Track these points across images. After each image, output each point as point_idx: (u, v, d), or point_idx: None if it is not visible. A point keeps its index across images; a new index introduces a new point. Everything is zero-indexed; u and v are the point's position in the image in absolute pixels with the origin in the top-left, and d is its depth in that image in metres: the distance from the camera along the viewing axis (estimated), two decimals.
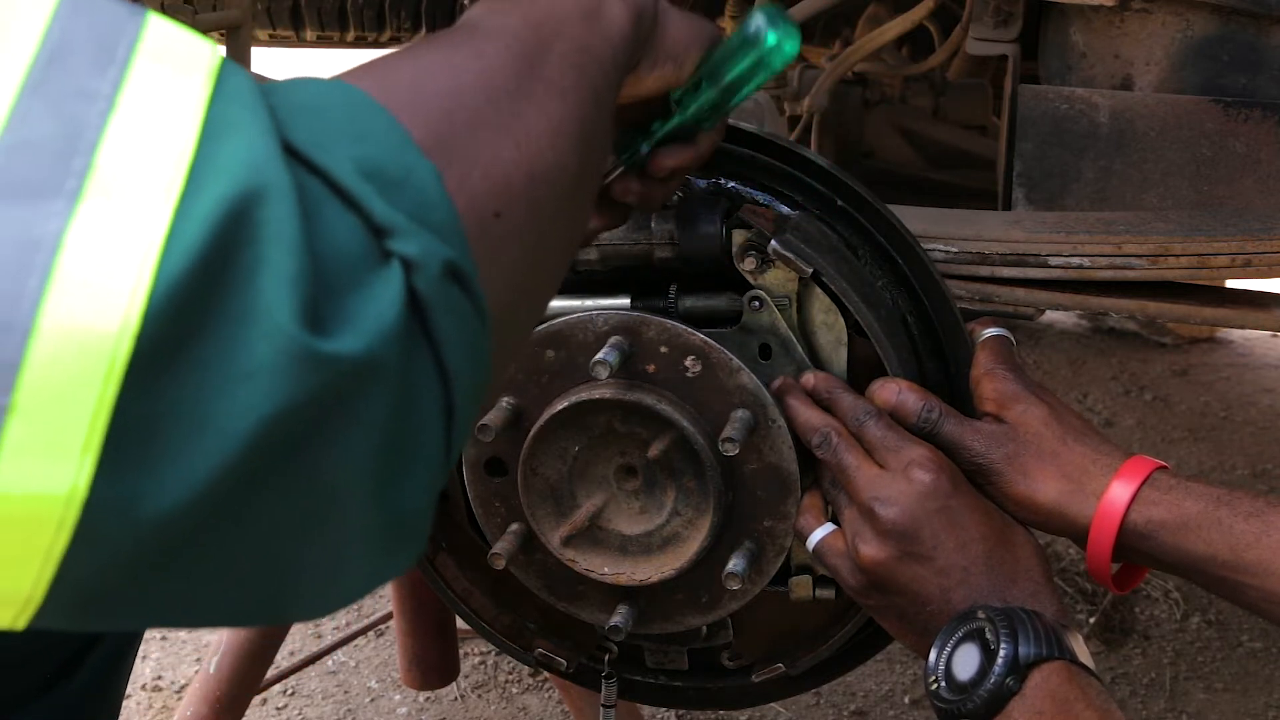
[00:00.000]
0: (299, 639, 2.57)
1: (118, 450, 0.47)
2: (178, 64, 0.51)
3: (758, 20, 0.95)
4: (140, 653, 2.49)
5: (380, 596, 2.73)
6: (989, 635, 0.96)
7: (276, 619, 0.58)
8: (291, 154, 0.52)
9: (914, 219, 1.24)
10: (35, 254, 0.46)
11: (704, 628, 1.25)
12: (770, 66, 0.96)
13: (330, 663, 2.52)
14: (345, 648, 2.51)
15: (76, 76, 0.49)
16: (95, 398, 0.46)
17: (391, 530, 0.56)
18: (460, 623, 1.81)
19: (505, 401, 1.15)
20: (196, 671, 1.69)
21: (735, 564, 1.13)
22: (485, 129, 0.64)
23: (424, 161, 0.57)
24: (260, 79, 0.58)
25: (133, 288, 0.46)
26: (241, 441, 0.48)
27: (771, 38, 0.94)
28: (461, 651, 2.04)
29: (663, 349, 1.12)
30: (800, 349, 1.13)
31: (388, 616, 2.23)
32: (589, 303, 1.14)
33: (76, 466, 0.46)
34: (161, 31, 0.52)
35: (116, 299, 0.46)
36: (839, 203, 1.16)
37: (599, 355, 1.08)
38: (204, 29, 1.66)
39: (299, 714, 2.39)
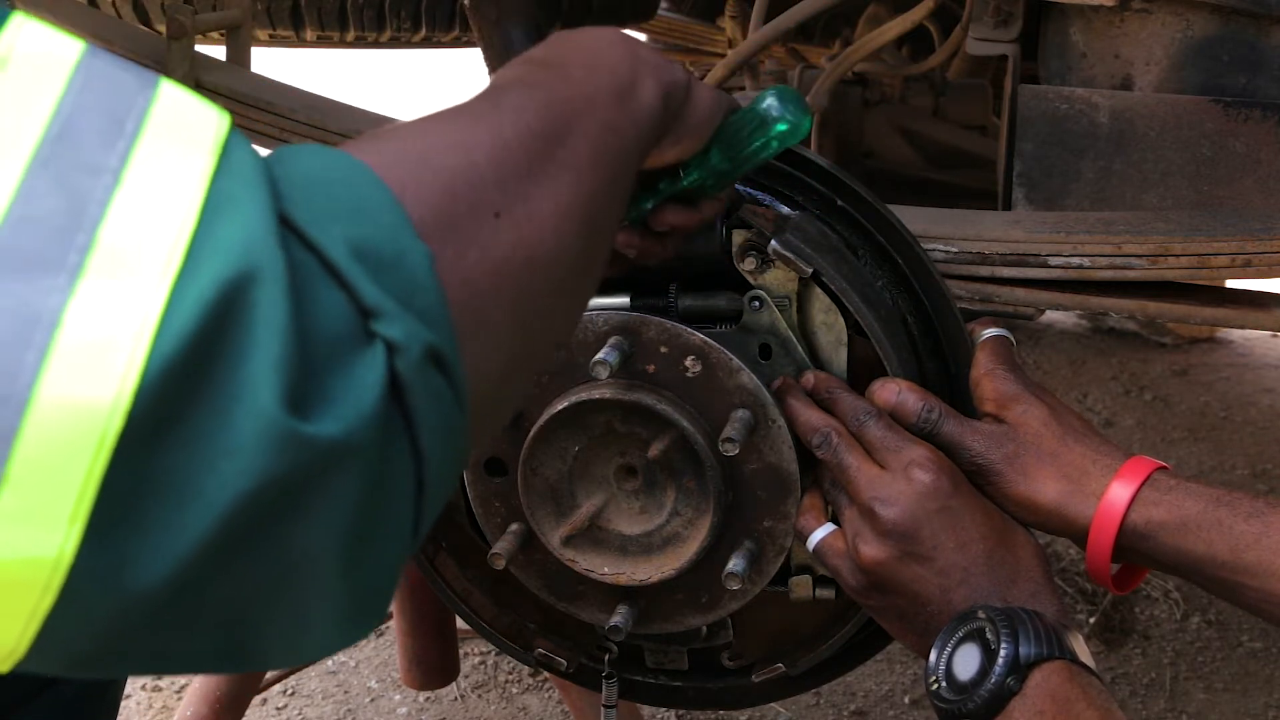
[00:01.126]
0: None
1: (104, 519, 0.48)
2: (185, 137, 0.53)
3: (770, 102, 0.96)
4: None
5: None
6: (989, 635, 0.96)
7: (244, 670, 0.59)
8: (289, 228, 0.54)
9: (914, 219, 1.24)
10: (35, 329, 0.47)
11: (704, 628, 1.25)
12: (778, 143, 0.97)
13: (330, 663, 2.52)
14: (345, 648, 2.50)
15: (84, 151, 0.50)
16: (85, 469, 0.47)
17: (355, 601, 0.57)
18: (460, 623, 1.81)
19: None
20: None
21: (735, 564, 1.13)
22: (488, 210, 0.65)
23: (417, 244, 0.58)
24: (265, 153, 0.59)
25: (127, 364, 0.47)
26: (222, 514, 0.49)
27: (783, 125, 0.96)
28: (461, 651, 2.04)
29: (663, 349, 1.12)
30: (800, 349, 1.13)
31: (388, 616, 2.23)
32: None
33: (64, 534, 0.48)
34: (171, 103, 0.53)
35: (111, 375, 0.47)
36: (839, 203, 1.16)
37: (599, 355, 1.08)
38: (204, 29, 1.65)
39: (299, 714, 2.39)
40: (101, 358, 0.47)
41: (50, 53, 0.52)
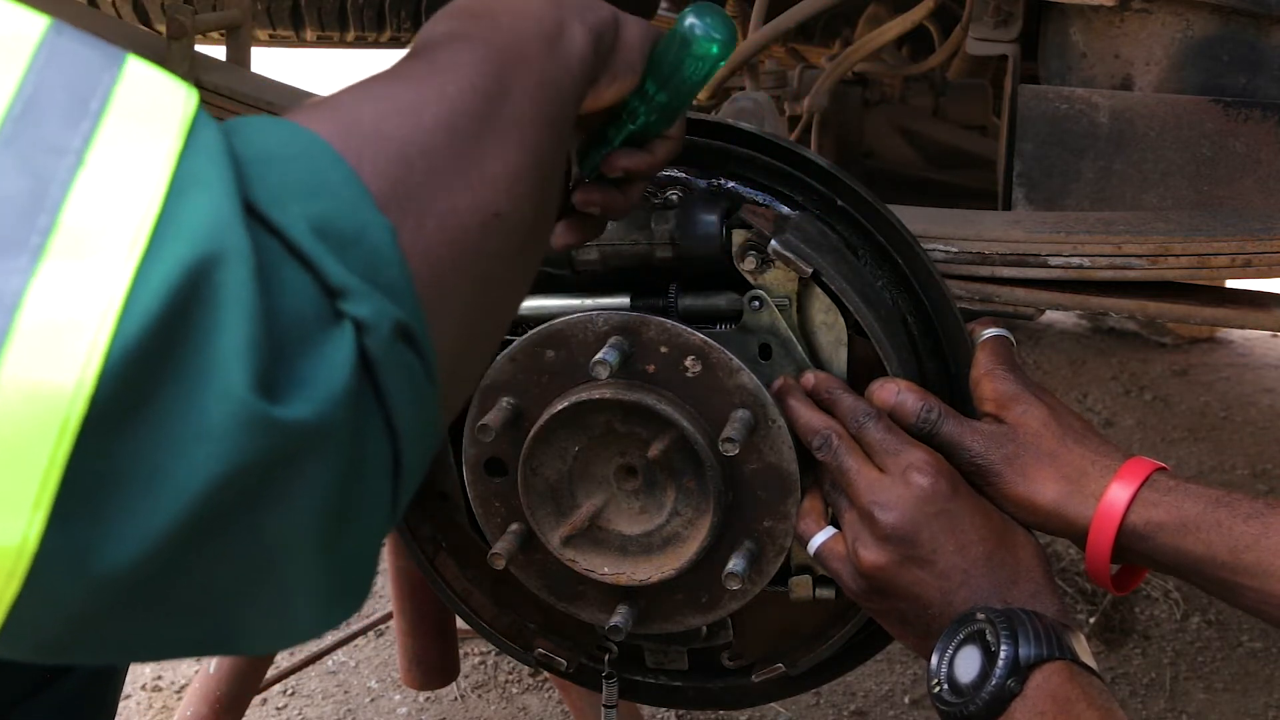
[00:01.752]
0: None
1: (69, 505, 0.48)
2: (151, 116, 0.52)
3: (690, 21, 0.93)
4: None
5: (380, 596, 2.72)
6: (990, 637, 0.96)
7: (228, 654, 0.59)
8: (251, 212, 0.53)
9: (914, 219, 1.24)
10: None
11: (704, 628, 1.25)
12: (708, 61, 0.94)
13: (330, 663, 2.51)
14: (345, 648, 2.51)
15: (47, 131, 0.49)
16: (49, 454, 0.47)
17: (336, 581, 0.57)
18: (460, 623, 1.81)
19: (505, 401, 1.15)
20: (196, 671, 1.69)
21: (735, 564, 1.13)
22: (443, 176, 0.64)
23: (378, 218, 0.57)
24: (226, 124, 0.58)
25: (90, 347, 0.47)
26: (192, 500, 0.49)
27: (708, 45, 0.93)
28: (461, 651, 2.04)
29: (663, 349, 1.12)
30: (800, 349, 1.13)
31: (388, 616, 2.23)
32: (589, 303, 1.14)
33: (28, 520, 0.47)
34: (137, 81, 0.52)
35: (73, 357, 0.47)
36: (839, 203, 1.16)
37: (599, 355, 1.08)
38: (204, 29, 1.65)
39: (299, 714, 2.39)
40: (64, 341, 0.47)
41: (12, 30, 0.52)
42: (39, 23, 0.52)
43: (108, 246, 0.48)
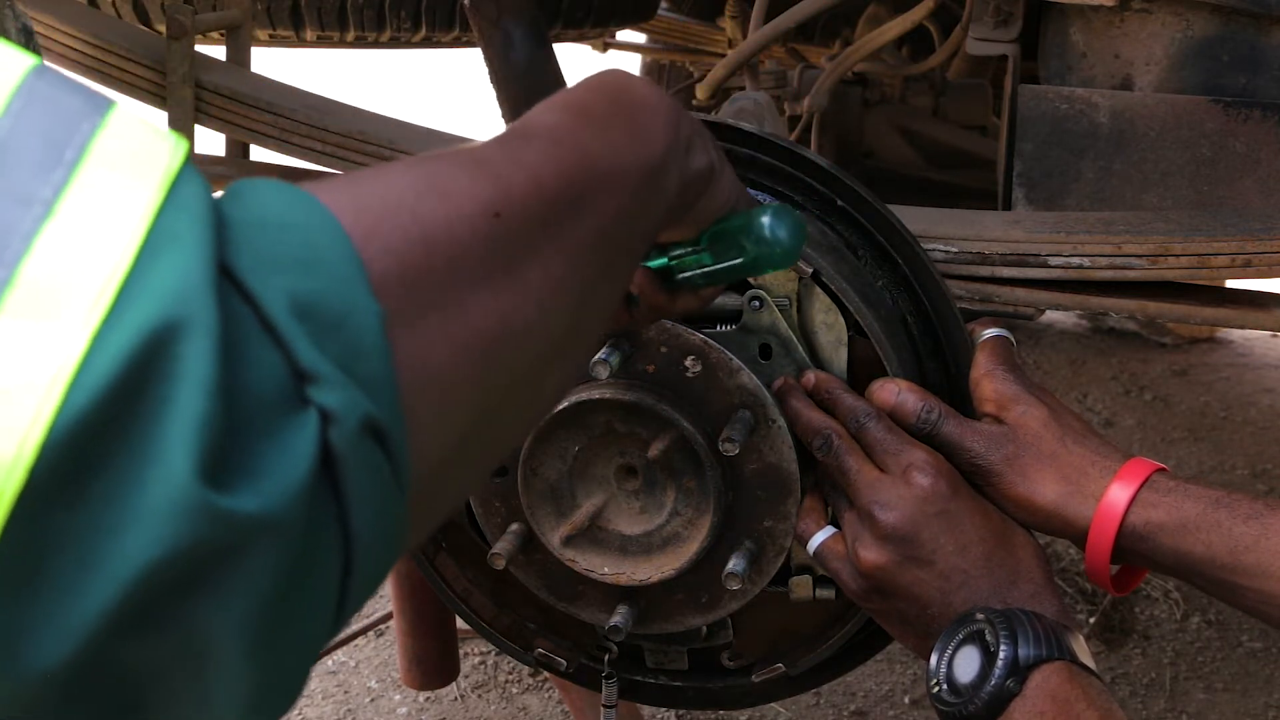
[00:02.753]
0: None
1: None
2: (131, 168, 0.49)
3: (767, 219, 0.89)
4: None
5: (380, 596, 2.72)
6: (989, 637, 0.96)
7: None
8: (228, 277, 0.49)
9: (914, 219, 1.24)
10: None
11: (704, 628, 1.25)
12: (769, 265, 0.91)
13: (330, 663, 2.51)
14: (345, 648, 2.50)
15: (16, 179, 0.47)
16: None
17: (263, 688, 0.53)
18: (460, 623, 1.81)
19: None
20: None
21: (735, 564, 1.13)
22: (468, 271, 0.59)
23: (369, 302, 0.53)
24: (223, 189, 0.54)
25: (34, 416, 0.44)
26: (124, 586, 0.46)
27: (773, 244, 0.88)
28: (461, 651, 2.04)
29: (663, 349, 1.12)
30: (800, 349, 1.13)
31: (388, 617, 2.23)
32: None
33: None
34: (120, 131, 0.49)
35: (14, 427, 0.44)
36: (839, 203, 1.16)
37: (599, 355, 1.08)
38: (204, 29, 1.65)
39: (299, 714, 2.39)
40: (6, 408, 0.44)
41: None
42: (20, 65, 0.50)
43: (67, 306, 0.45)
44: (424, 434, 0.55)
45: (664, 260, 0.95)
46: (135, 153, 0.49)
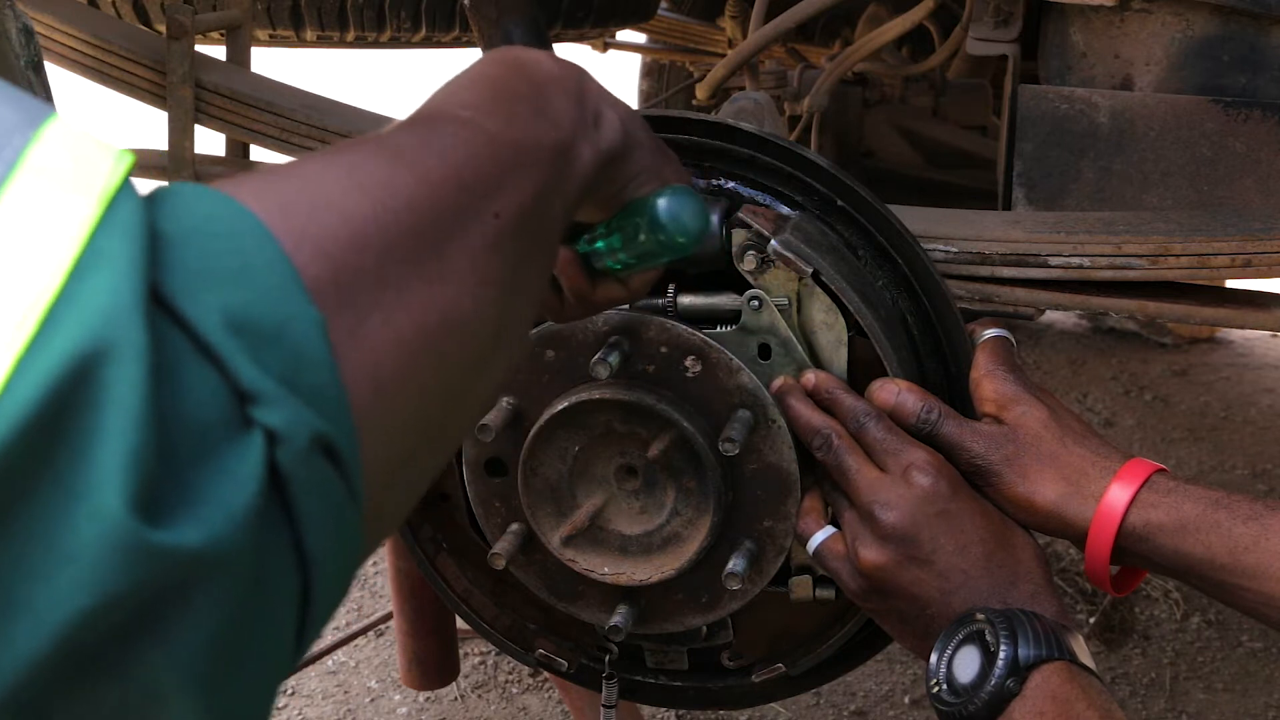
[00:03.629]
0: None
1: None
2: (68, 183, 0.46)
3: (662, 202, 0.86)
4: None
5: (380, 596, 2.73)
6: (989, 637, 0.96)
7: None
8: (159, 298, 0.46)
9: (914, 219, 1.24)
10: None
11: (704, 628, 1.25)
12: (673, 252, 0.88)
13: (330, 663, 2.51)
14: (345, 648, 2.50)
15: None
16: None
17: None
18: (460, 622, 1.81)
19: (505, 401, 1.15)
20: None
21: (735, 564, 1.13)
22: (400, 266, 0.56)
23: (307, 310, 0.50)
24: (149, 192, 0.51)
25: None
26: (56, 633, 0.42)
27: (673, 229, 0.85)
28: (461, 651, 2.04)
29: (663, 349, 1.12)
30: (800, 349, 1.13)
31: (388, 616, 2.23)
32: None
33: None
34: (56, 145, 0.46)
35: None
36: (839, 203, 1.16)
37: (599, 355, 1.08)
38: (204, 29, 1.65)
39: (299, 714, 2.39)
40: None
41: None
42: None
43: None
44: (376, 443, 0.53)
45: (582, 245, 0.93)
46: (72, 168, 0.46)
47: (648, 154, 0.88)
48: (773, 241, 1.09)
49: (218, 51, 1.75)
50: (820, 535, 1.10)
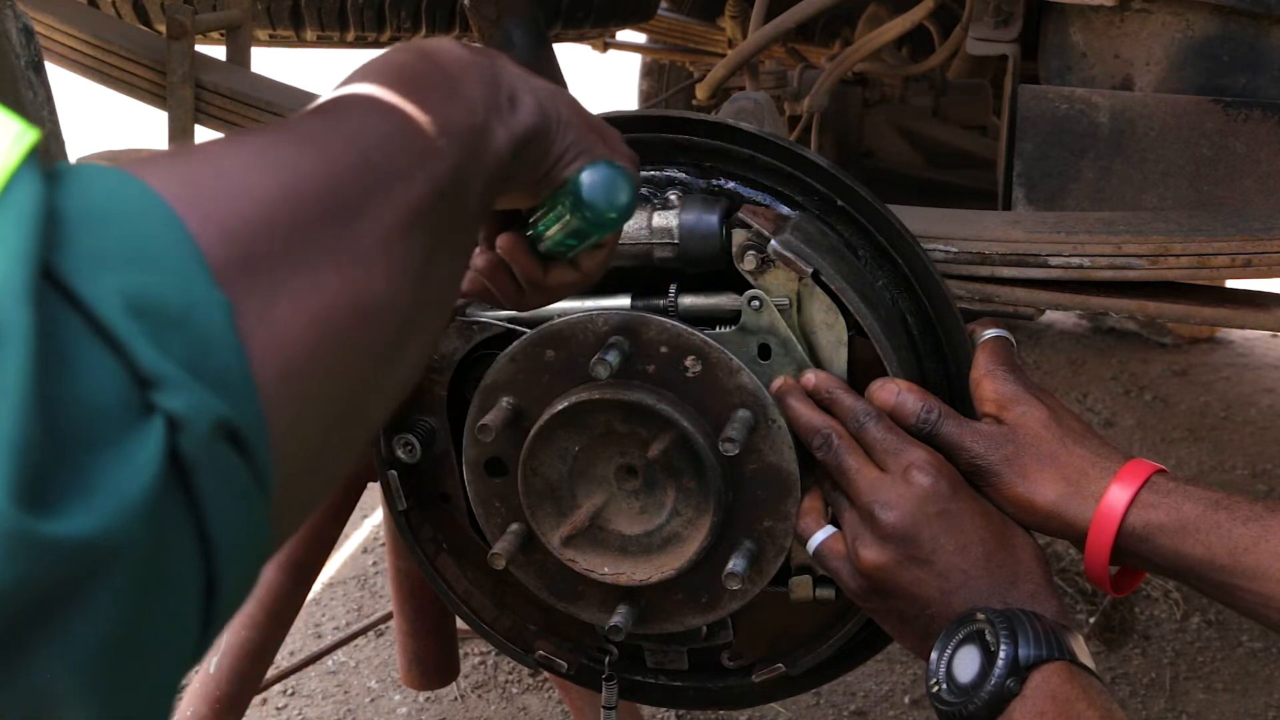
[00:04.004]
0: (299, 639, 2.57)
1: None
2: None
3: (584, 177, 0.84)
4: None
5: (380, 596, 2.73)
6: (989, 637, 0.96)
7: None
8: (52, 279, 0.45)
9: (914, 219, 1.24)
10: None
11: (704, 628, 1.25)
12: (603, 229, 0.86)
13: (330, 663, 2.51)
14: (345, 648, 2.51)
15: None
16: None
17: None
18: (460, 623, 1.81)
19: (505, 401, 1.15)
20: (196, 671, 1.69)
21: (735, 564, 1.13)
22: (309, 249, 0.55)
23: (212, 293, 0.49)
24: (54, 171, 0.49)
25: None
26: None
27: (603, 206, 0.83)
28: (461, 651, 2.04)
29: (663, 349, 1.12)
30: (800, 349, 1.13)
31: (388, 616, 2.23)
32: (589, 303, 1.14)
33: None
34: None
35: None
36: (839, 203, 1.16)
37: (599, 355, 1.08)
38: (204, 29, 1.66)
39: (299, 714, 2.39)
40: None
41: None
42: None
43: None
44: (285, 430, 0.52)
45: (527, 230, 0.92)
46: None
47: (575, 132, 0.85)
48: (773, 241, 1.09)
49: (218, 51, 1.75)
50: (820, 535, 1.10)
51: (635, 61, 4.04)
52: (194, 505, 0.46)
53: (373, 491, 1.73)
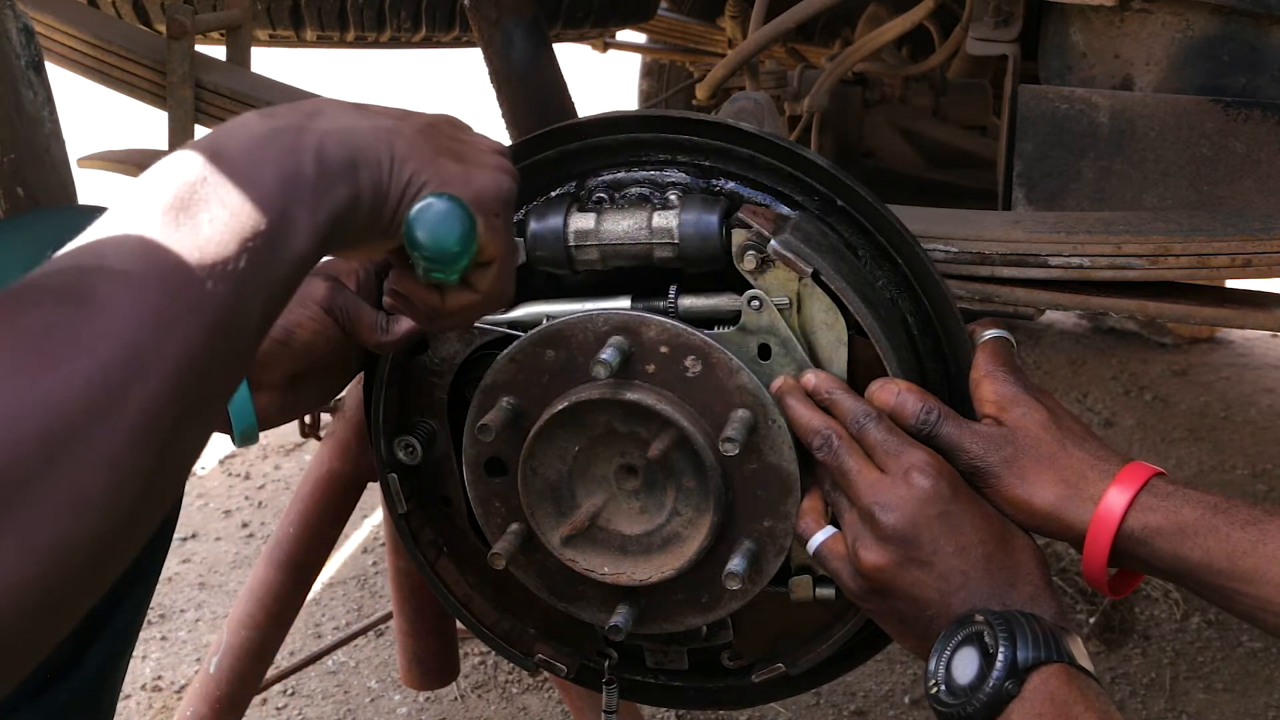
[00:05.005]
0: (299, 639, 2.57)
1: None
2: None
3: (413, 215, 0.81)
4: (140, 653, 2.49)
5: (380, 596, 2.73)
6: (988, 639, 0.96)
7: None
8: None
9: (914, 219, 1.24)
10: None
11: (704, 628, 1.25)
12: (443, 265, 0.83)
13: (330, 663, 2.51)
14: (345, 648, 2.50)
15: None
16: None
17: None
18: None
19: (505, 401, 1.15)
20: (196, 671, 1.69)
21: (735, 564, 1.13)
22: (21, 496, 0.53)
23: None
24: None
25: None
26: None
27: (431, 248, 0.81)
28: (461, 651, 2.04)
29: (663, 349, 1.12)
30: (800, 349, 1.13)
31: (388, 617, 2.23)
32: (589, 303, 1.14)
33: None
34: None
35: None
36: (839, 203, 1.16)
37: (599, 355, 1.08)
38: (204, 29, 1.66)
39: (299, 714, 2.39)
40: None
41: None
42: None
43: None
44: None
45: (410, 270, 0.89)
46: None
47: (415, 163, 0.81)
48: (773, 241, 1.09)
49: (218, 51, 1.75)
50: (820, 535, 1.10)
51: (635, 61, 4.04)
52: None
53: (373, 492, 1.73)
